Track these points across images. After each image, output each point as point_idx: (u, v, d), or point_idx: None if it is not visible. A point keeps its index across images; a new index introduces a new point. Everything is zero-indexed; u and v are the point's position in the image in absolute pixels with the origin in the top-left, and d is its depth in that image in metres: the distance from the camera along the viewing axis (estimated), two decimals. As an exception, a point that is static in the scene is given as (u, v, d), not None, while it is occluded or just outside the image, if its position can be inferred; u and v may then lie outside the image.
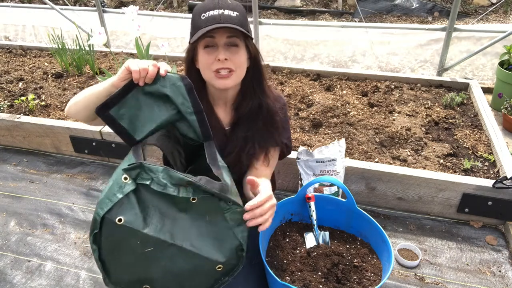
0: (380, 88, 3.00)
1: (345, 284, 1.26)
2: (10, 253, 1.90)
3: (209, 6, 1.16)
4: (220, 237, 1.01)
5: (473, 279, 1.72)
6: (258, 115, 1.32)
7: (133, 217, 0.95)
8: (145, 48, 2.67)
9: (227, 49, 1.18)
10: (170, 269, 0.99)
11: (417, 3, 5.50)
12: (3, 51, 3.96)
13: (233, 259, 1.03)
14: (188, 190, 0.98)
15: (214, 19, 1.13)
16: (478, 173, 2.08)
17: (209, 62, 1.19)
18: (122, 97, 1.08)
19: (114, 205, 0.95)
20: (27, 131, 2.63)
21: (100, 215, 0.95)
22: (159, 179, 0.97)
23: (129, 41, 4.55)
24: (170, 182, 0.97)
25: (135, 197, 0.97)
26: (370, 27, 4.04)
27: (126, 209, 0.96)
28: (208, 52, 1.18)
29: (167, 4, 6.32)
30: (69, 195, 2.28)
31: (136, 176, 0.98)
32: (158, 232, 0.97)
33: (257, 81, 1.30)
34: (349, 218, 1.49)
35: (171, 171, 0.98)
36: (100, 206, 0.96)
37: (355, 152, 2.27)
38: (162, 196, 0.98)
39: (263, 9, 5.89)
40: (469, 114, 2.65)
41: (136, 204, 0.97)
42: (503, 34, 3.11)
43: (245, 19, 1.19)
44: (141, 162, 0.99)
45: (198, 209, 1.00)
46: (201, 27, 1.14)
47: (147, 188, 0.98)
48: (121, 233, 0.95)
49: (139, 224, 0.96)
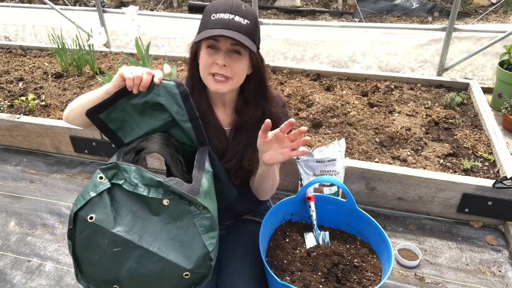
0: (380, 88, 3.00)
1: (345, 284, 1.26)
2: (10, 253, 1.90)
3: (222, 7, 1.13)
4: (189, 243, 1.00)
5: (473, 279, 1.72)
6: (261, 122, 1.31)
7: (104, 216, 0.96)
8: (145, 48, 2.67)
9: (228, 55, 1.16)
10: (138, 271, 0.99)
11: (417, 3, 5.50)
12: (3, 51, 3.96)
13: (201, 267, 1.01)
14: (158, 191, 0.98)
15: (223, 23, 1.11)
16: (478, 173, 2.08)
17: (208, 63, 1.17)
18: (114, 102, 1.09)
19: (86, 202, 0.96)
20: (27, 131, 2.63)
21: (74, 211, 0.96)
22: (131, 179, 0.98)
23: (129, 41, 4.55)
24: (141, 182, 0.98)
25: (109, 196, 0.98)
26: (370, 27, 4.04)
27: (98, 207, 0.97)
28: (210, 53, 1.17)
29: (167, 4, 6.32)
30: (69, 195, 2.28)
31: (112, 176, 0.99)
32: (127, 233, 0.97)
33: (260, 90, 1.29)
34: (349, 218, 1.48)
35: (143, 171, 0.98)
36: (75, 203, 0.98)
37: (355, 152, 2.27)
38: (135, 197, 0.99)
39: (263, 9, 5.89)
40: (469, 114, 2.65)
41: (108, 203, 0.97)
42: (503, 34, 3.11)
43: (255, 28, 1.16)
44: (116, 162, 0.99)
45: (170, 213, 1.00)
46: (208, 27, 1.13)
47: (121, 189, 0.99)
48: (92, 230, 0.96)
49: (109, 223, 0.96)
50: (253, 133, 1.30)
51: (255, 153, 1.29)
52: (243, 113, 1.31)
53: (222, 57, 1.15)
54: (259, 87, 1.29)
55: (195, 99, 1.25)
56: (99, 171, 0.99)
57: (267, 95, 1.32)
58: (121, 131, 1.15)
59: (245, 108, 1.31)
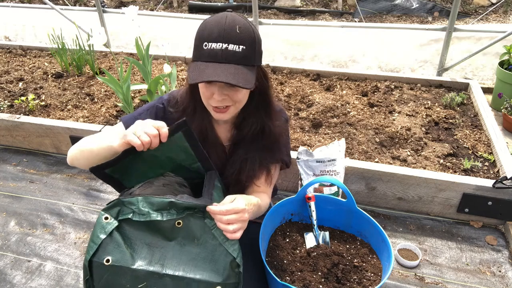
0: (380, 88, 3.00)
1: (345, 284, 1.26)
2: (10, 253, 1.90)
3: (214, 35, 1.04)
4: (212, 256, 0.99)
5: (473, 279, 1.72)
6: (261, 138, 1.28)
7: (120, 255, 0.94)
8: (145, 48, 2.68)
9: (225, 88, 1.10)
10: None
11: (417, 3, 5.51)
12: (3, 51, 3.96)
13: (231, 277, 1.00)
14: (171, 212, 0.97)
15: (216, 56, 1.03)
16: (478, 173, 2.08)
17: (206, 96, 1.13)
18: (121, 160, 1.07)
19: (99, 246, 0.94)
20: (27, 131, 2.63)
21: (87, 259, 0.93)
22: (140, 209, 0.96)
23: (129, 41, 4.56)
24: (152, 209, 0.96)
25: (119, 234, 0.96)
26: (370, 27, 4.04)
27: (111, 248, 0.94)
28: (206, 86, 1.11)
29: (167, 4, 6.32)
30: (69, 195, 2.28)
31: (117, 214, 0.97)
32: (148, 265, 0.95)
33: (263, 106, 1.25)
34: (349, 218, 1.48)
35: (150, 197, 0.97)
36: (86, 252, 0.95)
37: (355, 152, 2.27)
38: (146, 226, 0.97)
39: (263, 9, 5.89)
40: (469, 114, 2.65)
41: (121, 241, 0.95)
42: (503, 34, 3.11)
43: (252, 51, 1.08)
44: (119, 199, 0.97)
45: (185, 233, 0.98)
46: (201, 59, 1.06)
47: (130, 222, 0.97)
48: (111, 273, 0.94)
49: (127, 260, 0.94)
50: (251, 147, 1.28)
51: (253, 167, 1.28)
52: (242, 127, 1.28)
53: (218, 93, 1.09)
54: (262, 104, 1.25)
55: (196, 118, 1.24)
56: (103, 212, 0.97)
57: (270, 111, 1.27)
58: (125, 180, 1.13)
59: (244, 123, 1.27)
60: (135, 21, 2.34)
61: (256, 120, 1.25)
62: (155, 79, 2.57)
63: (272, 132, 1.28)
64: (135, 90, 3.02)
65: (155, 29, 4.44)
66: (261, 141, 1.29)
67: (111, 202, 0.98)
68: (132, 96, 2.95)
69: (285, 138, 1.39)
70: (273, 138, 1.29)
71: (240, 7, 5.90)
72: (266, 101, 1.25)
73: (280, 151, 1.36)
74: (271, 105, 1.27)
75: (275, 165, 1.39)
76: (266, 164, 1.32)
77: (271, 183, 1.37)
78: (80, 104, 2.91)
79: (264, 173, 1.33)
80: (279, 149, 1.35)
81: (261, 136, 1.28)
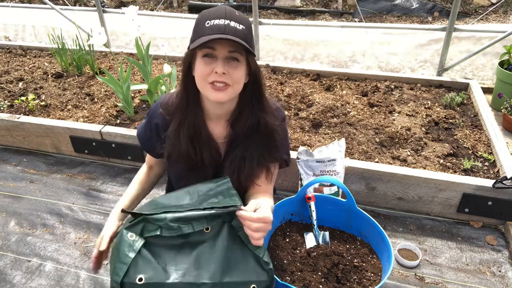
0: (380, 88, 3.00)
1: (345, 284, 1.26)
2: (10, 253, 1.90)
3: (216, 14, 1.10)
4: (242, 257, 1.00)
5: (473, 279, 1.72)
6: (257, 133, 1.28)
7: (152, 272, 0.92)
8: (145, 48, 2.68)
9: (226, 63, 1.12)
10: None
11: (417, 3, 5.51)
12: (3, 51, 3.96)
13: (262, 275, 1.00)
14: (202, 221, 0.97)
15: (219, 29, 1.07)
16: (478, 173, 2.08)
17: (205, 73, 1.13)
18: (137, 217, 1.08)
19: (129, 266, 0.91)
20: (27, 131, 2.63)
21: (118, 281, 0.90)
22: (168, 224, 0.95)
23: (129, 41, 4.55)
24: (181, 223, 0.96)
25: (148, 251, 0.94)
26: (370, 27, 4.04)
27: (142, 266, 0.92)
28: (206, 62, 1.13)
29: (167, 4, 6.32)
30: (69, 195, 2.28)
31: (141, 231, 0.96)
32: (183, 277, 0.93)
33: (256, 98, 1.26)
34: (349, 218, 1.49)
35: (175, 213, 0.97)
36: (115, 272, 0.91)
37: (355, 152, 2.27)
38: (174, 239, 0.96)
39: (263, 9, 5.89)
40: (469, 114, 2.65)
41: (151, 257, 0.93)
42: (503, 34, 3.11)
43: (250, 34, 1.14)
44: (143, 216, 0.96)
45: (213, 237, 0.99)
46: (204, 35, 1.09)
47: (157, 238, 0.95)
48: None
49: (161, 276, 0.92)
50: (248, 145, 1.28)
51: (252, 166, 1.28)
52: (238, 123, 1.27)
53: (221, 65, 1.11)
54: (256, 94, 1.26)
55: (189, 113, 1.24)
56: (126, 231, 0.95)
57: (263, 104, 1.28)
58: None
59: (240, 118, 1.27)
60: (135, 21, 2.34)
61: (251, 112, 1.26)
62: (155, 79, 2.57)
63: (267, 125, 1.28)
64: (135, 90, 3.02)
65: (155, 29, 4.44)
66: (257, 136, 1.28)
67: (133, 221, 0.96)
68: (132, 96, 2.95)
69: (283, 135, 1.38)
70: (269, 131, 1.29)
71: (240, 7, 5.90)
72: (260, 91, 1.26)
73: (278, 149, 1.35)
74: (265, 97, 1.29)
75: (275, 164, 1.39)
76: (265, 162, 1.32)
77: (271, 181, 1.37)
78: (80, 104, 2.91)
79: (264, 172, 1.33)
80: (277, 147, 1.34)
81: (257, 131, 1.28)
